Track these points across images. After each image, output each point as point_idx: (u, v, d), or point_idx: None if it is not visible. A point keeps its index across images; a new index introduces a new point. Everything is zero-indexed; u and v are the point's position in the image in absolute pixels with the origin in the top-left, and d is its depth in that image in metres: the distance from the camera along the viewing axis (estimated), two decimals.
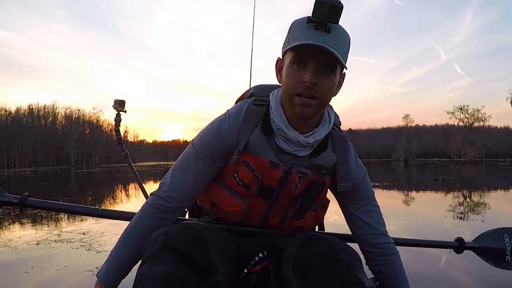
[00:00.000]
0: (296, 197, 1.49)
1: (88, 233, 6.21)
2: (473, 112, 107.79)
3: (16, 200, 1.68)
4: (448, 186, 17.44)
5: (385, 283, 1.61)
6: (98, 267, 4.18)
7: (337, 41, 1.29)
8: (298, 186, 1.46)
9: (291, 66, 1.34)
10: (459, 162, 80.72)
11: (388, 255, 1.60)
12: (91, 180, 28.34)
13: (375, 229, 1.59)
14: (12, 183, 25.16)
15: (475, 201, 11.29)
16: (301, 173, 1.46)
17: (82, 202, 12.29)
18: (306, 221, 1.58)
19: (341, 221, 1.71)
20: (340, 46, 1.30)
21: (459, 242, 1.97)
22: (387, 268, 1.60)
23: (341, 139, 1.57)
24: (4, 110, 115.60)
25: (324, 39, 1.26)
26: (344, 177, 1.51)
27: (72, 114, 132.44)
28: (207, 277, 1.23)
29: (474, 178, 26.08)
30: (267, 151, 1.44)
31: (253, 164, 1.44)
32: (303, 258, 1.31)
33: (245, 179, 1.46)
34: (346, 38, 1.34)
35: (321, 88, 1.32)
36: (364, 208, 1.59)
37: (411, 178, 25.19)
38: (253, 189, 1.47)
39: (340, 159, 1.53)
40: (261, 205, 1.52)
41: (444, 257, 4.51)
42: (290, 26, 1.36)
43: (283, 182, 1.45)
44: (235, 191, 1.51)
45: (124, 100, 2.35)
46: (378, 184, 17.33)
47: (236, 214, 1.54)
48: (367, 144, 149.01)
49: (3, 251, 5.16)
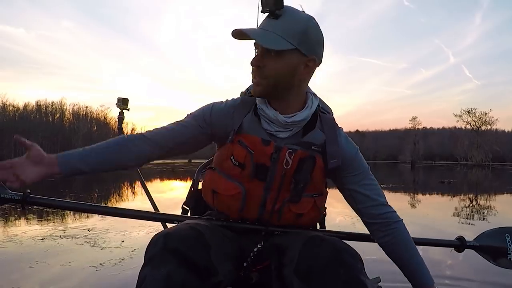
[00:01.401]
0: (289, 175, 1.52)
1: (93, 230, 6.24)
2: (480, 115, 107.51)
3: (18, 197, 1.69)
4: (454, 189, 17.41)
5: (394, 252, 1.63)
6: (102, 263, 4.22)
7: (282, 25, 1.41)
8: (289, 162, 1.51)
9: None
10: (465, 165, 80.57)
11: (392, 223, 1.61)
12: (97, 177, 28.42)
13: (375, 200, 1.61)
14: None
15: (480, 204, 11.27)
16: (290, 149, 1.51)
17: (88, 199, 12.35)
18: (304, 207, 1.58)
19: (344, 222, 1.72)
20: (286, 29, 1.41)
21: (460, 240, 1.96)
22: (393, 238, 1.61)
23: (330, 121, 1.64)
24: (12, 106, 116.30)
25: (270, 25, 1.42)
26: (333, 154, 1.56)
27: (79, 111, 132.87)
28: (207, 278, 1.24)
29: (480, 181, 26.02)
30: (260, 131, 1.55)
31: (246, 142, 1.53)
32: (306, 259, 1.30)
33: (240, 157, 1.52)
34: (297, 21, 1.44)
35: (267, 69, 1.46)
36: (361, 182, 1.62)
37: (418, 181, 25.14)
38: (247, 168, 1.52)
39: (329, 138, 1.58)
40: (257, 188, 1.54)
41: (446, 256, 4.54)
42: None
43: (275, 159, 1.51)
44: (232, 174, 1.55)
45: (127, 98, 2.34)
46: (384, 186, 17.29)
47: (234, 199, 1.55)
48: (374, 145, 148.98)
49: (9, 246, 5.20)
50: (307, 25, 1.44)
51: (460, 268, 4.29)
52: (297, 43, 1.42)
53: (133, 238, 5.63)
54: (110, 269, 4.06)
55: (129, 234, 5.88)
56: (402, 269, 1.62)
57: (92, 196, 13.49)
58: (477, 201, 12.25)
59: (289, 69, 1.47)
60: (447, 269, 4.22)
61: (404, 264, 1.62)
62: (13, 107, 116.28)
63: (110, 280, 3.72)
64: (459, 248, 1.97)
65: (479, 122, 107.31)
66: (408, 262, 1.61)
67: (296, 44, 1.42)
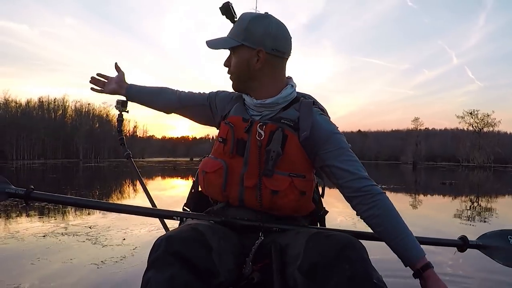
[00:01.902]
0: (263, 148, 1.61)
1: (94, 227, 6.25)
2: (483, 117, 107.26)
3: (21, 192, 1.71)
4: (455, 191, 17.39)
5: (380, 225, 1.57)
6: (104, 261, 4.23)
7: (233, 28, 1.71)
8: (262, 134, 1.62)
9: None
10: (467, 167, 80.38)
11: (374, 195, 1.57)
12: (99, 174, 28.45)
13: (355, 174, 1.60)
14: (20, 174, 25.30)
15: (482, 206, 11.28)
16: (261, 122, 1.65)
17: (90, 196, 12.35)
18: (279, 185, 1.60)
19: (346, 222, 1.71)
20: (233, 31, 1.70)
21: (463, 240, 1.95)
22: (377, 210, 1.56)
23: (307, 103, 1.72)
24: (14, 102, 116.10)
25: (229, 30, 1.72)
26: (304, 128, 1.62)
27: (82, 108, 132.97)
28: (209, 280, 1.26)
29: (482, 183, 26.00)
30: (243, 113, 1.76)
31: (230, 120, 1.73)
32: (310, 257, 1.31)
33: (223, 133, 1.71)
34: (241, 21, 1.69)
35: (231, 67, 1.74)
36: (340, 157, 1.62)
37: (419, 182, 25.11)
38: (228, 143, 1.67)
39: (302, 115, 1.66)
40: (237, 163, 1.66)
41: (447, 255, 4.54)
42: None
43: (249, 132, 1.65)
44: (217, 152, 1.73)
45: (126, 100, 2.37)
46: (386, 186, 17.27)
47: (217, 175, 1.67)
48: (376, 146, 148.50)
49: (10, 242, 5.22)
50: (248, 22, 1.65)
51: (462, 268, 4.30)
52: (242, 39, 1.65)
53: (135, 236, 5.63)
54: (111, 266, 4.08)
55: (131, 232, 5.89)
56: (390, 243, 1.56)
57: (93, 193, 13.50)
58: (478, 203, 12.26)
59: (243, 63, 1.69)
60: (449, 268, 4.22)
61: (391, 237, 1.55)
62: (15, 103, 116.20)
63: (111, 278, 3.73)
64: (462, 248, 1.96)
65: (481, 124, 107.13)
66: (395, 235, 1.55)
67: (241, 40, 1.65)
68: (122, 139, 2.59)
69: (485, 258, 2.01)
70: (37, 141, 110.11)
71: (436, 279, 1.46)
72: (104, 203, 1.91)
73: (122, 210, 1.85)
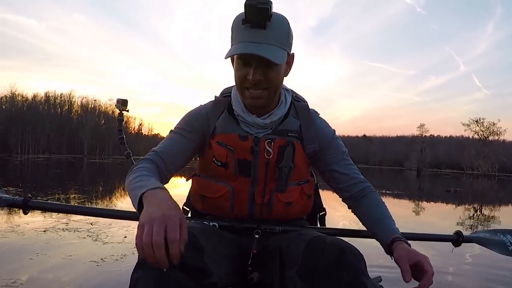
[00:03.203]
0: (272, 165, 1.55)
1: (96, 224, 6.24)
2: (488, 125, 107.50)
3: (19, 201, 1.69)
4: (459, 198, 17.38)
5: (360, 208, 1.66)
6: (103, 258, 4.22)
7: (274, 34, 1.40)
8: (270, 152, 1.54)
9: (237, 63, 1.46)
10: (471, 175, 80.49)
11: (368, 193, 1.67)
12: (103, 171, 28.55)
13: (355, 178, 1.67)
14: (24, 168, 25.40)
15: (485, 215, 11.28)
16: (269, 139, 1.55)
17: (93, 191, 12.40)
18: (292, 196, 1.61)
19: (348, 226, 1.69)
20: (278, 38, 1.42)
21: (458, 235, 1.98)
22: (366, 197, 1.66)
23: (303, 108, 1.68)
24: (21, 96, 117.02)
25: (260, 37, 1.39)
26: (310, 139, 1.61)
27: (88, 104, 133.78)
28: (201, 279, 1.21)
29: (486, 192, 25.99)
30: (236, 128, 1.58)
31: (224, 141, 1.56)
32: (309, 261, 1.29)
33: (222, 157, 1.55)
34: (283, 26, 1.44)
35: (268, 80, 1.45)
36: (341, 162, 1.67)
37: (423, 188, 25.12)
38: (230, 166, 1.55)
39: (304, 123, 1.62)
40: (244, 184, 1.57)
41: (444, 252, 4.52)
42: (232, 22, 1.47)
43: (255, 151, 1.54)
44: (217, 176, 1.59)
45: (126, 99, 2.36)
46: (390, 192, 17.27)
47: (223, 199, 1.59)
48: (380, 151, 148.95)
49: (10, 236, 5.21)
50: (288, 27, 1.47)
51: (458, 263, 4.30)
52: (286, 47, 1.46)
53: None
54: (111, 264, 4.06)
55: (133, 229, 5.87)
56: (367, 222, 1.62)
57: (96, 189, 13.53)
58: (481, 211, 12.25)
59: (282, 73, 1.51)
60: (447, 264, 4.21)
61: (368, 217, 1.62)
62: (22, 97, 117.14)
63: (110, 276, 3.71)
64: (457, 242, 1.98)
65: (487, 132, 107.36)
66: (374, 215, 1.61)
67: (286, 48, 1.47)
68: (122, 138, 2.57)
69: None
70: (42, 135, 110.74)
71: (402, 247, 1.39)
72: (102, 209, 1.90)
73: (120, 216, 1.81)
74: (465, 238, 1.98)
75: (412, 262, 1.30)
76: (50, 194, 10.50)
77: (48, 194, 10.47)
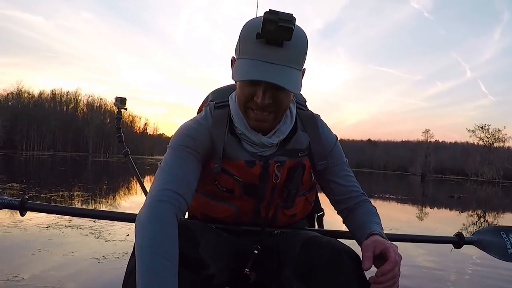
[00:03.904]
0: (280, 186, 1.47)
1: (98, 221, 6.24)
2: (493, 132, 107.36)
3: (16, 202, 1.69)
4: (463, 204, 17.33)
5: (357, 220, 1.51)
6: (105, 255, 4.21)
7: (291, 54, 1.23)
8: (278, 176, 1.45)
9: (243, 81, 1.29)
10: (476, 182, 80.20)
11: (362, 203, 1.56)
12: (107, 169, 28.56)
13: (353, 192, 1.57)
14: (29, 165, 25.45)
15: (489, 221, 11.23)
16: (278, 162, 1.44)
17: (97, 189, 12.41)
18: (297, 208, 1.58)
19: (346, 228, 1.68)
20: (295, 57, 1.25)
21: (459, 237, 1.99)
22: (360, 207, 1.55)
23: (309, 117, 1.56)
24: (27, 93, 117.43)
25: (275, 55, 1.21)
26: (321, 155, 1.50)
27: (94, 102, 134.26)
28: (198, 270, 1.20)
29: (490, 198, 25.89)
30: (240, 152, 1.42)
31: (231, 169, 1.42)
32: (305, 261, 1.29)
33: (227, 185, 1.45)
34: (302, 44, 1.27)
35: (278, 104, 1.30)
36: (341, 173, 1.57)
37: (427, 194, 25.06)
38: (236, 192, 1.47)
39: (313, 138, 1.51)
40: (249, 203, 1.50)
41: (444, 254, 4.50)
42: (241, 31, 1.28)
43: (264, 176, 1.44)
44: (220, 197, 1.50)
45: (125, 97, 2.37)
46: (394, 197, 17.23)
47: (227, 218, 1.53)
48: (385, 156, 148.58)
49: (13, 231, 5.23)
50: (307, 44, 1.29)
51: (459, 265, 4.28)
52: (302, 66, 1.31)
53: None
54: (113, 262, 4.06)
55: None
56: (355, 230, 1.50)
57: (101, 187, 13.54)
58: (485, 218, 12.21)
59: (291, 96, 1.37)
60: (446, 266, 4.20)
61: (356, 225, 1.51)
62: (28, 94, 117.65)
63: (111, 273, 3.71)
64: (458, 244, 1.98)
65: (492, 139, 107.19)
66: (361, 221, 1.49)
67: (302, 68, 1.32)
68: (120, 136, 2.58)
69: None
70: (47, 133, 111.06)
71: (371, 238, 1.28)
72: (100, 211, 1.89)
73: (118, 218, 1.81)
74: (466, 240, 1.99)
75: (378, 251, 1.21)
76: (54, 191, 10.53)
77: (52, 191, 10.48)
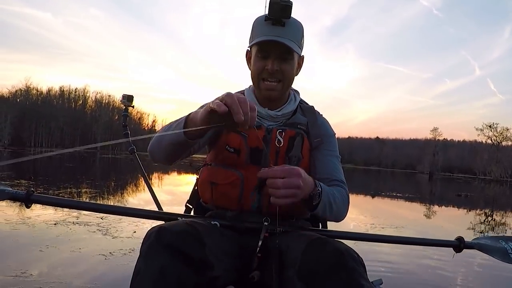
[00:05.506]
0: (282, 154, 1.63)
1: (106, 218, 6.30)
2: (502, 131, 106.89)
3: (22, 194, 1.70)
4: (470, 203, 17.26)
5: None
6: (112, 252, 4.24)
7: (291, 32, 1.59)
8: (281, 141, 1.64)
9: (256, 57, 1.64)
10: (484, 180, 79.81)
11: (336, 186, 1.67)
12: (115, 166, 28.63)
13: (334, 175, 1.70)
14: (37, 161, 25.53)
15: (496, 220, 11.19)
16: (280, 129, 1.66)
17: (105, 186, 12.46)
18: None
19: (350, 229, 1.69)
20: (294, 36, 1.60)
21: (459, 241, 1.97)
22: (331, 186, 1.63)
23: (309, 109, 1.85)
24: (36, 89, 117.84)
25: (280, 32, 1.57)
26: (316, 134, 1.74)
27: (102, 99, 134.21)
28: (203, 272, 1.23)
29: (497, 197, 25.78)
30: None
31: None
32: (308, 262, 1.30)
33: (235, 143, 1.62)
34: (299, 28, 1.64)
35: (283, 72, 1.63)
36: (328, 157, 1.74)
37: (434, 192, 24.96)
38: (243, 153, 1.62)
39: (310, 121, 1.77)
40: (253, 172, 1.52)
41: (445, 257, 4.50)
42: (253, 24, 1.66)
43: (267, 140, 1.63)
44: (229, 163, 1.64)
45: (132, 95, 2.37)
46: (401, 195, 17.18)
47: (233, 185, 1.61)
48: (393, 154, 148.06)
49: (21, 228, 5.27)
50: (303, 29, 1.67)
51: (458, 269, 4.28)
52: (300, 45, 1.65)
53: (146, 230, 5.48)
54: (120, 258, 4.09)
55: (142, 225, 5.91)
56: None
57: (108, 184, 13.59)
58: (492, 217, 12.16)
59: (294, 70, 1.68)
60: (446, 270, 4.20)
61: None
62: (36, 91, 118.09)
63: (118, 270, 3.75)
64: (458, 248, 1.97)
65: (500, 138, 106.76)
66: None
67: (300, 46, 1.65)
68: (127, 134, 2.58)
69: None
70: (55, 129, 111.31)
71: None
72: (105, 205, 1.88)
73: (123, 212, 1.82)
74: (467, 244, 1.97)
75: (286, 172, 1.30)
76: (62, 188, 10.59)
77: (60, 188, 10.55)
